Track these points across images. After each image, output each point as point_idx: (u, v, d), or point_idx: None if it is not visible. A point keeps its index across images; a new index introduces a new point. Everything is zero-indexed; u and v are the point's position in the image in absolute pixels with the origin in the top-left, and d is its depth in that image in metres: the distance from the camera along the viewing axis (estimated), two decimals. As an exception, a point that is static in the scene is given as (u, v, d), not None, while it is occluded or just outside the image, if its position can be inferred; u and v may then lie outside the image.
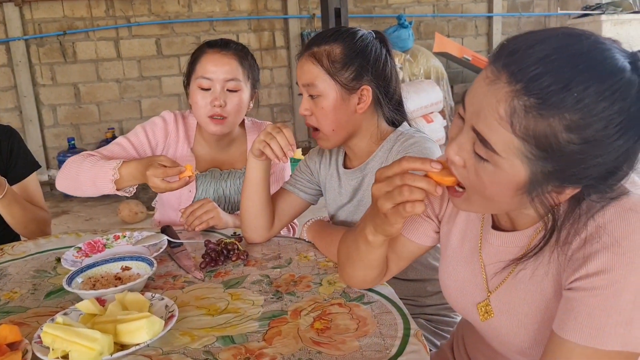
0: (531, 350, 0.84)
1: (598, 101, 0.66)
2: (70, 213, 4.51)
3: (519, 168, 0.72)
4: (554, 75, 0.67)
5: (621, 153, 0.69)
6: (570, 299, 0.73)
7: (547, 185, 0.73)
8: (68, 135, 5.23)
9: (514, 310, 0.85)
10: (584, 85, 0.66)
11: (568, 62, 0.67)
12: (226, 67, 1.60)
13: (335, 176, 1.44)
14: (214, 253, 1.27)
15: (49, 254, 1.41)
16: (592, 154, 0.68)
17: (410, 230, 1.05)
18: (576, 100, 0.66)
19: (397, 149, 1.29)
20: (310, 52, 1.28)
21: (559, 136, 0.68)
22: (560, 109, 0.67)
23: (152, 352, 0.91)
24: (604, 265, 0.70)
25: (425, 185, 0.80)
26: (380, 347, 0.89)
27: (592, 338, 0.70)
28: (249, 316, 1.02)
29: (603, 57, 0.68)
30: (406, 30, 5.63)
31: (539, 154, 0.70)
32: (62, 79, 5.21)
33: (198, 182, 1.71)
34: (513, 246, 0.87)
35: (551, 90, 0.67)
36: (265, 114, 5.91)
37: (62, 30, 5.10)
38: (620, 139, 0.68)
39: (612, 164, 0.70)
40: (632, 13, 6.36)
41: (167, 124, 1.72)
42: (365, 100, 1.29)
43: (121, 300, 1.01)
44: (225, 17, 5.62)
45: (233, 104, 1.61)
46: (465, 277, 0.95)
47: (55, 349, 0.86)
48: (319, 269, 1.21)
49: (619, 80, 0.67)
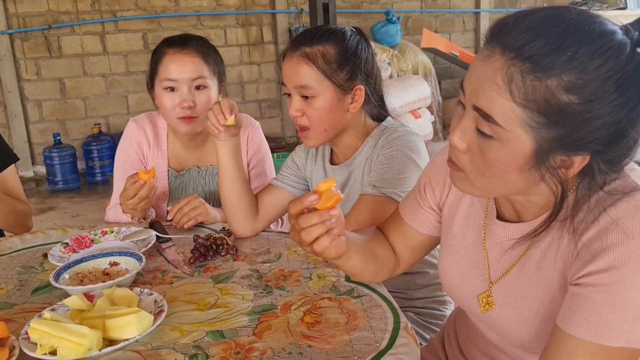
0: (531, 344, 0.84)
1: (592, 59, 0.67)
2: (56, 209, 4.47)
3: (524, 139, 0.72)
4: (545, 39, 0.68)
5: (623, 114, 0.69)
6: (577, 295, 0.73)
7: (554, 155, 0.72)
8: (54, 130, 5.17)
9: (516, 302, 0.85)
10: (576, 46, 0.68)
11: (558, 26, 0.69)
12: (190, 66, 1.56)
13: (322, 172, 1.44)
14: (203, 248, 1.27)
15: (36, 250, 1.40)
16: (593, 114, 0.69)
17: (414, 219, 1.05)
18: (569, 59, 0.68)
19: (382, 143, 1.30)
20: (302, 53, 1.26)
21: (558, 98, 0.68)
22: (555, 70, 0.68)
23: (141, 347, 0.90)
24: (615, 261, 0.70)
25: (316, 219, 0.84)
26: (370, 340, 0.89)
27: (598, 334, 0.70)
28: (239, 311, 1.02)
29: (592, 22, 0.70)
30: (394, 26, 5.63)
31: (541, 121, 0.70)
32: (48, 73, 5.14)
33: (177, 183, 1.70)
34: (518, 238, 0.86)
35: (544, 53, 0.68)
36: (253, 109, 5.89)
37: (47, 24, 5.03)
38: (620, 98, 0.68)
39: (616, 125, 0.69)
40: (618, 9, 6.42)
41: (134, 135, 1.70)
42: (358, 99, 1.30)
43: (109, 296, 1.00)
44: (212, 11, 5.59)
45: (202, 103, 1.58)
46: (466, 267, 0.95)
47: (43, 345, 0.85)
48: (309, 264, 1.21)
49: (610, 40, 0.68)
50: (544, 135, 0.71)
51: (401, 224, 1.08)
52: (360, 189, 1.30)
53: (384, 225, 1.12)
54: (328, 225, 0.85)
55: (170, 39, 1.61)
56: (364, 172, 1.33)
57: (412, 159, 1.25)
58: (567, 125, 0.70)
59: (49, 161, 4.95)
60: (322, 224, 0.85)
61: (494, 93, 0.71)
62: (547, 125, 0.70)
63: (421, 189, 1.05)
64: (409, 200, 1.08)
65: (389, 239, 1.10)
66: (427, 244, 1.08)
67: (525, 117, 0.70)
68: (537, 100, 0.69)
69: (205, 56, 1.59)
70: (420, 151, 1.28)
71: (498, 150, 0.74)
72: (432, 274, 1.40)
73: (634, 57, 0.69)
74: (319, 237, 0.85)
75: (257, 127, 1.76)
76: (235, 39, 5.74)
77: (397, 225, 1.08)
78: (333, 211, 0.84)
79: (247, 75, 5.86)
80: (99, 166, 5.08)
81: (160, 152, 1.71)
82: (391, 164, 1.24)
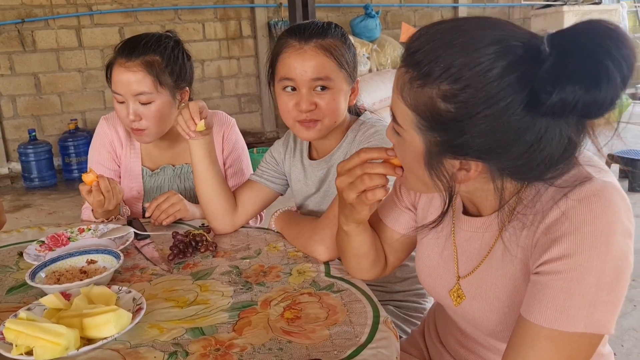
0: (502, 333, 0.86)
1: (463, 71, 0.70)
2: (32, 206, 4.40)
3: (416, 139, 0.78)
4: (427, 50, 0.73)
5: (501, 124, 0.70)
6: (536, 283, 0.76)
7: (444, 157, 0.77)
8: (29, 126, 5.08)
9: (485, 294, 0.88)
10: (451, 58, 0.71)
11: (443, 39, 0.73)
12: (132, 81, 1.47)
13: (300, 167, 1.44)
14: (182, 245, 1.26)
15: (10, 249, 1.38)
16: (469, 122, 0.71)
17: (392, 220, 1.08)
18: (443, 70, 0.71)
19: (360, 138, 1.30)
20: (318, 44, 1.23)
21: (437, 105, 0.73)
22: (432, 79, 0.72)
23: (120, 345, 0.89)
24: (568, 250, 0.72)
25: (383, 169, 0.88)
26: (350, 335, 0.90)
27: (556, 320, 0.72)
28: (219, 307, 1.01)
29: (481, 34, 0.72)
30: (373, 20, 5.65)
31: (425, 125, 0.76)
32: (22, 68, 5.05)
33: (152, 181, 1.69)
34: (482, 231, 0.89)
35: (423, 62, 0.73)
36: (232, 104, 5.86)
37: (20, 18, 4.93)
38: (491, 108, 0.70)
39: (493, 134, 0.71)
40: (593, 4, 6.51)
41: (105, 134, 1.68)
42: (356, 92, 1.33)
43: (87, 294, 0.99)
44: (190, 5, 5.54)
45: (148, 117, 1.51)
46: (438, 263, 0.98)
47: (19, 345, 0.84)
48: (289, 259, 1.21)
49: (488, 53, 0.70)
50: (430, 137, 0.76)
51: (381, 226, 1.10)
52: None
53: None
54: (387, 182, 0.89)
55: (121, 45, 1.51)
56: (342, 167, 1.33)
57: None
58: (448, 131, 0.74)
59: (24, 158, 4.87)
60: (385, 176, 0.89)
61: (396, 97, 0.80)
62: (431, 129, 0.75)
63: (397, 190, 1.09)
64: (386, 202, 1.11)
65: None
66: (407, 244, 1.10)
67: (414, 120, 0.77)
68: (419, 105, 0.75)
69: (149, 67, 1.48)
70: None
71: (402, 147, 0.83)
72: (411, 267, 1.41)
73: (516, 68, 0.69)
74: (376, 189, 0.89)
75: (232, 124, 1.73)
76: (213, 33, 5.70)
77: (378, 227, 1.11)
78: (398, 170, 0.88)
79: (226, 70, 5.82)
80: (75, 162, 5.02)
81: (134, 151, 1.69)
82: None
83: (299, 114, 1.25)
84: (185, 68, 1.58)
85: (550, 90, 0.67)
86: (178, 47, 1.57)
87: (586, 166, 0.78)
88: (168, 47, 1.53)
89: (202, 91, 5.68)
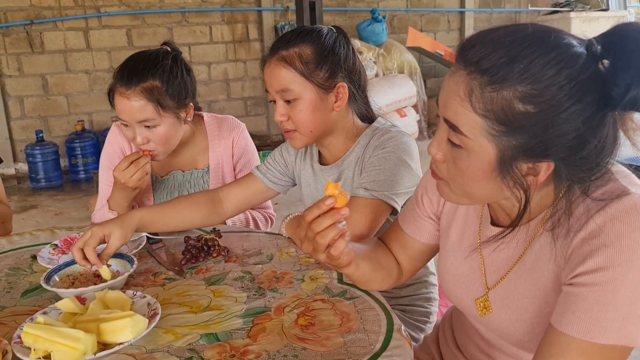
0: (529, 343, 0.86)
1: (544, 70, 0.71)
2: (39, 207, 4.41)
3: (487, 147, 0.76)
4: (500, 52, 0.73)
5: (581, 122, 0.72)
6: (570, 294, 0.76)
7: (517, 161, 0.76)
8: (36, 127, 5.10)
9: (513, 304, 0.87)
10: (529, 58, 0.72)
11: (514, 41, 0.73)
12: (134, 110, 1.46)
13: (310, 171, 1.44)
14: (194, 249, 1.26)
15: (24, 251, 1.38)
16: (550, 122, 0.72)
17: (414, 230, 1.08)
18: (523, 70, 0.71)
19: (374, 143, 1.29)
20: (279, 57, 1.24)
21: (515, 107, 0.73)
22: (510, 81, 0.72)
23: (135, 350, 0.90)
24: (604, 262, 0.72)
25: (330, 219, 0.85)
26: (364, 342, 0.90)
27: (589, 332, 0.72)
28: (233, 313, 1.02)
29: (547, 36, 0.74)
30: (380, 24, 5.66)
31: (501, 129, 0.74)
32: (30, 69, 5.07)
33: (162, 187, 1.69)
34: (510, 241, 0.88)
35: (498, 65, 0.73)
36: (238, 107, 5.88)
37: (29, 19, 4.96)
38: (574, 106, 0.71)
39: (574, 133, 0.72)
40: (600, 10, 6.50)
41: (117, 141, 1.69)
42: (342, 97, 1.28)
43: (102, 299, 1.00)
44: (198, 8, 5.55)
45: (155, 140, 1.52)
46: (464, 273, 0.97)
47: (37, 350, 0.84)
48: (301, 265, 1.22)
49: (563, 51, 0.72)
50: (505, 143, 0.75)
51: (402, 235, 1.10)
52: (351, 190, 1.30)
53: (385, 237, 1.15)
54: (340, 227, 0.86)
55: (120, 71, 1.49)
56: (354, 172, 1.33)
57: (405, 161, 1.24)
58: (526, 133, 0.74)
59: (31, 158, 4.89)
60: (335, 225, 0.86)
61: (458, 106, 0.77)
62: (507, 134, 0.74)
63: (419, 200, 1.08)
64: (407, 211, 1.11)
65: (390, 250, 1.12)
66: (427, 253, 1.11)
67: (486, 127, 0.75)
68: (495, 110, 0.74)
69: (150, 94, 1.46)
70: (412, 153, 1.27)
71: (467, 159, 0.79)
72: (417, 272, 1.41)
73: (589, 67, 0.72)
74: (335, 241, 0.86)
75: (242, 129, 1.74)
76: (220, 36, 5.72)
77: (398, 236, 1.11)
78: (343, 211, 0.86)
79: (232, 73, 5.84)
80: (82, 163, 5.03)
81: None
82: (383, 165, 1.24)
83: (280, 125, 1.31)
84: (186, 84, 1.55)
85: (624, 86, 0.70)
86: (176, 64, 1.54)
87: (622, 179, 0.78)
88: (166, 68, 1.50)
89: (208, 94, 5.70)
